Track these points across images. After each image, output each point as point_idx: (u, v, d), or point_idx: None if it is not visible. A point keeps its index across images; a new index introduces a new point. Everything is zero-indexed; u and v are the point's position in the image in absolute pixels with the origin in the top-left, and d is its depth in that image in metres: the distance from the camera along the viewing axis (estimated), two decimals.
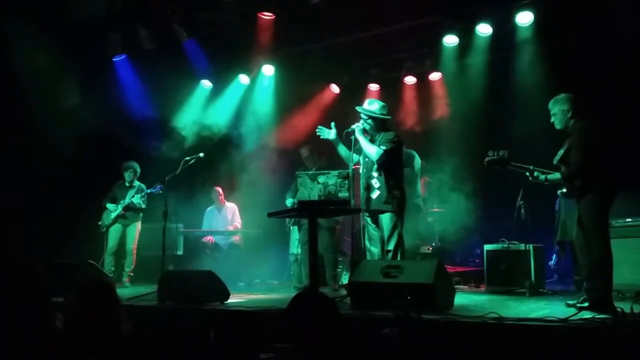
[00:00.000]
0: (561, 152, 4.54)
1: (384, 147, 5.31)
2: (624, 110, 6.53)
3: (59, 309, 2.48)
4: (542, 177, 4.53)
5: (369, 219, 5.50)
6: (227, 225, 8.36)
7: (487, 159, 4.80)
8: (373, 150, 5.31)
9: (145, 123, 8.46)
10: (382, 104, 5.58)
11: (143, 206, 7.67)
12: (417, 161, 7.20)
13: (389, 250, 5.30)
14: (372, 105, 5.55)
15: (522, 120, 7.01)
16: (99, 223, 7.73)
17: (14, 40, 7.02)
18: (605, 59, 6.79)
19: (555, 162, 4.58)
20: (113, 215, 7.64)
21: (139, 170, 7.84)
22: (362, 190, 5.49)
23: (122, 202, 7.65)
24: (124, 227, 7.70)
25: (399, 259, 5.27)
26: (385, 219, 5.33)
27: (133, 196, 7.60)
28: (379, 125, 5.48)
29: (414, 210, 6.92)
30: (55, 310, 2.34)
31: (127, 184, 7.78)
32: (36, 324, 2.16)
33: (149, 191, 7.53)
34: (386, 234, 5.32)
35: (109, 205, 7.69)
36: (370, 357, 3.49)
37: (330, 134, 5.52)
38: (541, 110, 5.09)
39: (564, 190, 4.58)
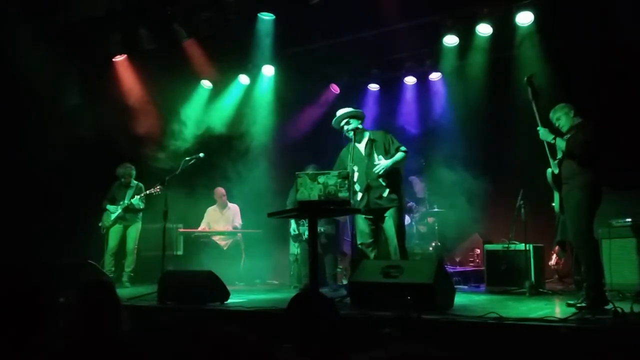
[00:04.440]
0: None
1: (403, 148, 5.53)
2: (623, 110, 6.54)
3: (59, 309, 2.48)
4: (551, 137, 4.59)
5: (368, 221, 5.51)
6: (229, 225, 8.36)
7: (528, 76, 4.86)
8: (399, 157, 5.49)
9: (145, 123, 8.44)
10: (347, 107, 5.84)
11: (142, 206, 7.70)
12: None
13: (396, 246, 5.37)
14: (343, 109, 5.78)
15: (522, 120, 7.00)
16: (99, 224, 7.74)
17: (14, 41, 7.01)
18: (605, 59, 6.78)
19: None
20: (113, 216, 7.65)
21: (134, 170, 7.84)
22: (362, 193, 5.50)
23: (121, 203, 7.66)
24: (125, 227, 7.72)
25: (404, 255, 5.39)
26: (394, 214, 5.42)
27: (132, 197, 7.63)
28: (361, 121, 5.70)
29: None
30: (59, 311, 2.34)
31: (125, 185, 7.79)
32: (37, 324, 2.15)
33: (148, 192, 7.54)
34: (395, 230, 5.40)
35: (109, 207, 7.71)
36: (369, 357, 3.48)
37: None
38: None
39: (555, 171, 4.63)
